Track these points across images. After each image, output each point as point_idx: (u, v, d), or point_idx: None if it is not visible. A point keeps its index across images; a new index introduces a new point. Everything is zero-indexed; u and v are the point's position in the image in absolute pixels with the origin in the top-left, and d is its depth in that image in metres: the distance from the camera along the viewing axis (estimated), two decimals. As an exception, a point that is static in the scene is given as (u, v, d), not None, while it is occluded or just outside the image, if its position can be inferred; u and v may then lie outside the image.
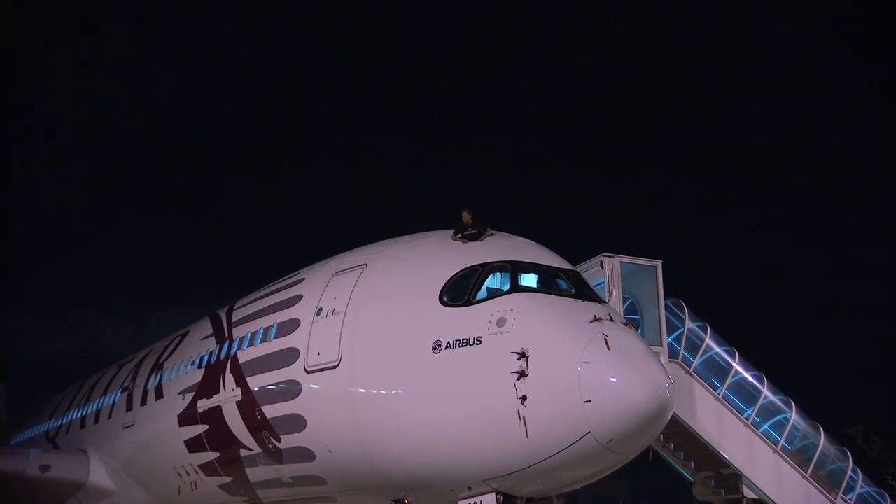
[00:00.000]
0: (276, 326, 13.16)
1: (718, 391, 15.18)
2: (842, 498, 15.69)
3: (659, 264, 14.75)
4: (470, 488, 10.07)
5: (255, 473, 13.34)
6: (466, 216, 11.67)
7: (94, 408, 19.02)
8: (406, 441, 10.49)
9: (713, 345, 15.59)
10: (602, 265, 14.17)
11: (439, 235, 12.20)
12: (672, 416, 9.99)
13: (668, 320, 14.90)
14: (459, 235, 11.63)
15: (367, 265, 12.17)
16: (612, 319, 9.85)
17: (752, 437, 15.21)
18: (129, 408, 17.18)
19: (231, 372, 13.84)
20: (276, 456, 12.73)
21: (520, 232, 12.12)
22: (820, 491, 15.45)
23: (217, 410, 13.96)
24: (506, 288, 10.50)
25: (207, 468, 14.35)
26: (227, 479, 14.04)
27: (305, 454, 12.13)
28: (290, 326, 12.71)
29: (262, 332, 13.50)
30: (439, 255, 11.53)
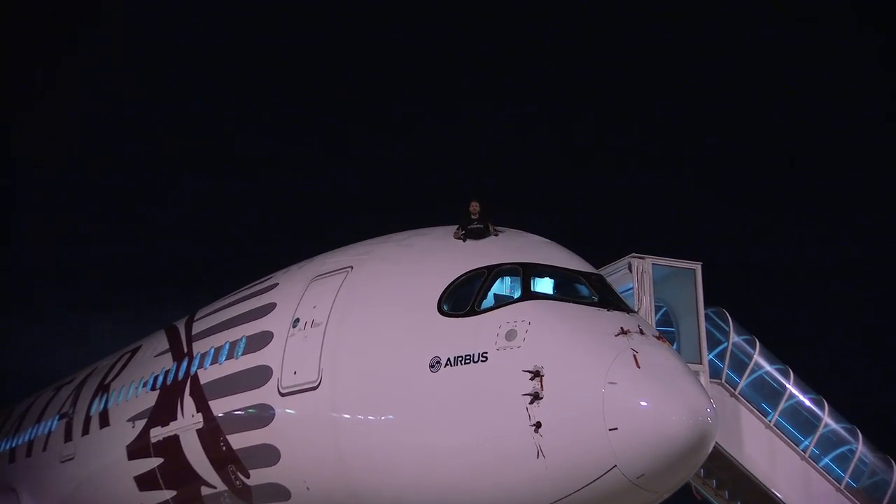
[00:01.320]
0: (244, 340, 13.29)
1: (770, 417, 15.21)
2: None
3: (698, 267, 14.75)
4: None
5: (218, 515, 13.50)
6: (475, 206, 11.77)
7: (26, 438, 19.18)
8: (398, 476, 10.59)
9: (763, 362, 15.67)
10: (630, 268, 14.23)
11: (438, 233, 12.31)
12: (714, 448, 9.98)
13: (709, 333, 14.93)
14: (462, 233, 11.76)
15: (352, 268, 12.28)
16: (641, 332, 9.94)
17: (811, 473, 15.24)
18: (69, 438, 17.31)
19: (191, 395, 13.96)
20: (244, 494, 12.84)
21: (533, 229, 12.27)
22: (892, 537, 15.54)
23: (174, 440, 14.08)
24: (516, 295, 10.60)
25: (162, 509, 14.52)
26: (185, 523, 14.22)
27: (279, 492, 12.23)
28: (261, 340, 12.83)
29: (227, 347, 13.63)
30: (438, 256, 11.65)
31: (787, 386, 15.71)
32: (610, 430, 9.09)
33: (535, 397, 9.45)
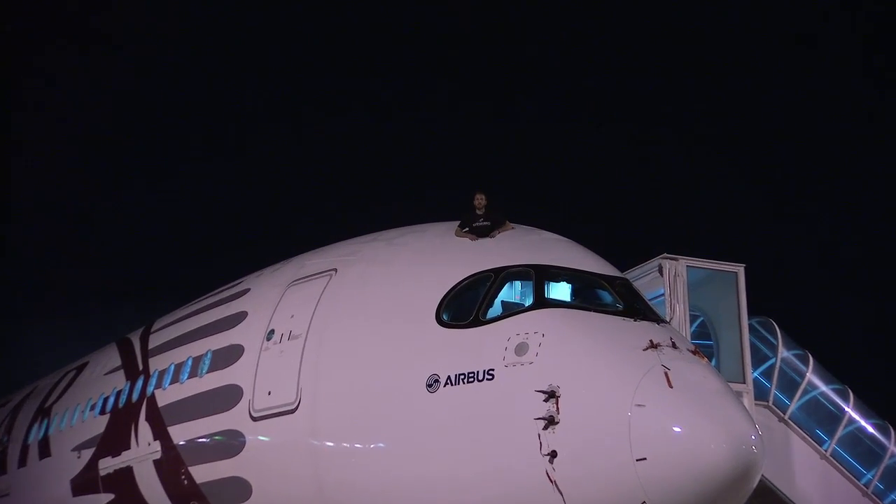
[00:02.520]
0: (209, 356, 13.35)
1: (825, 446, 15.25)
2: None
3: (740, 269, 14.79)
4: None
5: (179, 561, 13.57)
6: (480, 199, 11.84)
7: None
8: (390, 514, 10.66)
9: (818, 382, 15.71)
10: (661, 270, 14.25)
11: (438, 229, 12.38)
12: (760, 482, 9.89)
13: (753, 347, 14.95)
14: (466, 230, 11.82)
15: (336, 271, 12.34)
16: (674, 346, 9.98)
17: (874, 511, 15.34)
18: (3, 471, 17.39)
19: (147, 419, 14.00)
20: (209, 536, 12.96)
21: (548, 225, 12.34)
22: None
23: (127, 473, 14.13)
24: (528, 302, 10.65)
25: (112, 554, 14.62)
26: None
27: (250, 533, 12.34)
28: (230, 356, 12.89)
29: (189, 363, 13.68)
30: (437, 257, 11.72)
31: (846, 409, 15.73)
32: (637, 460, 9.11)
33: (550, 422, 9.49)
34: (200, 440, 12.95)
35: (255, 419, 12.08)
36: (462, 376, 10.16)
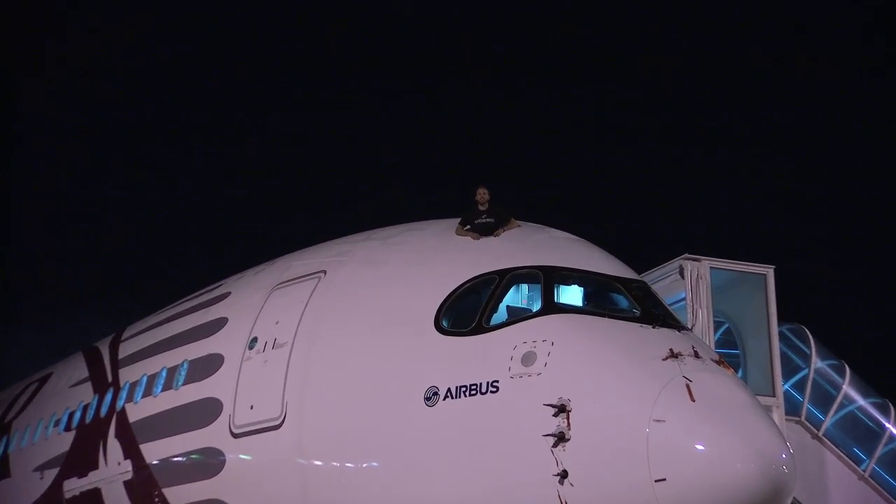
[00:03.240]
0: (185, 366, 13.36)
1: (863, 466, 15.22)
2: None
3: (770, 271, 14.75)
4: None
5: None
6: (482, 194, 11.87)
7: None
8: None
9: (855, 395, 15.71)
10: (683, 272, 14.23)
11: (437, 227, 12.40)
12: None
13: (784, 357, 14.95)
14: (468, 228, 11.84)
15: (325, 273, 12.36)
16: (697, 355, 10.00)
17: (917, 538, 15.33)
18: (-42, 493, 17.35)
19: (117, 436, 14.01)
20: (185, 565, 12.98)
21: (558, 223, 12.35)
22: None
23: (94, 495, 14.14)
24: (536, 307, 10.67)
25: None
26: None
27: (230, 562, 12.39)
28: (209, 366, 12.91)
29: (164, 374, 13.67)
30: (436, 258, 11.74)
31: (887, 425, 15.71)
32: (656, 481, 9.13)
33: (560, 439, 9.50)
34: (176, 459, 12.95)
35: (235, 436, 12.08)
36: (463, 389, 10.18)
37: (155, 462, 13.28)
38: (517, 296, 11.10)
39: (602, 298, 10.86)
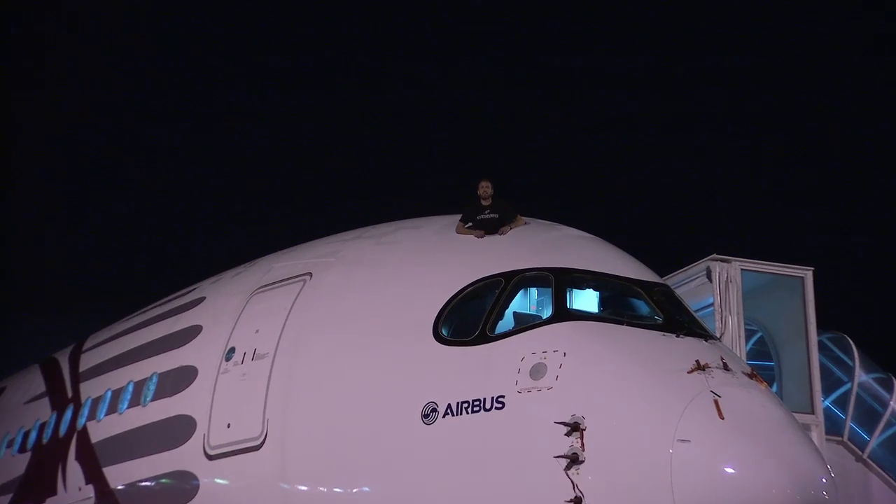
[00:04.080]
0: (155, 380, 13.36)
1: (914, 491, 15.27)
2: None
3: (808, 273, 14.75)
4: None
5: None
6: (485, 187, 11.88)
7: None
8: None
9: (904, 412, 15.72)
10: (710, 275, 14.23)
11: (435, 225, 12.42)
12: None
13: (824, 369, 14.95)
14: (470, 225, 11.84)
15: (311, 275, 12.38)
16: (726, 367, 10.00)
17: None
18: None
19: (77, 458, 14.02)
20: None
21: (570, 221, 12.37)
22: None
23: (54, 524, 14.18)
24: (546, 313, 10.68)
25: None
26: None
27: None
28: (181, 380, 12.91)
29: (131, 389, 13.67)
30: (435, 259, 11.77)
31: (942, 447, 15.71)
32: None
33: (574, 461, 9.49)
34: (143, 484, 12.95)
35: (210, 457, 12.09)
36: (465, 404, 10.18)
37: (120, 487, 13.27)
38: (525, 301, 11.10)
39: (620, 304, 10.85)
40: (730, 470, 9.16)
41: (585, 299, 10.84)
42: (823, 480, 9.40)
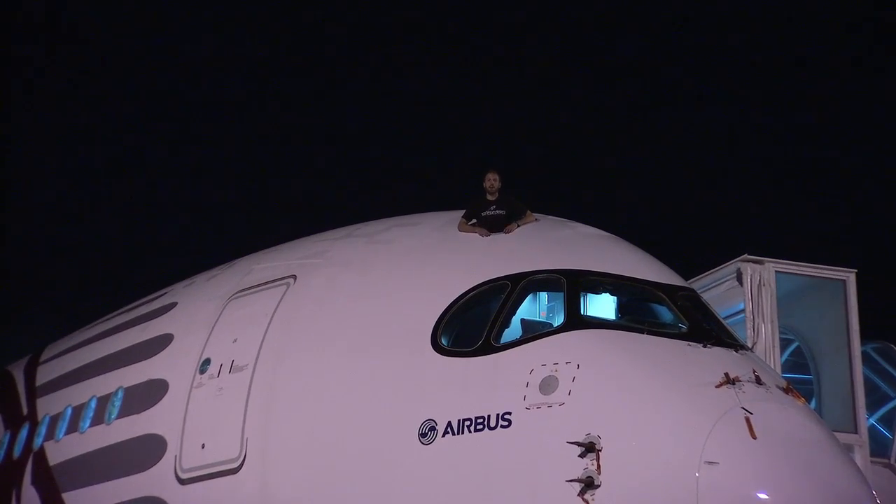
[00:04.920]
0: (120, 395, 13.36)
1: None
2: None
3: (850, 276, 14.70)
4: None
5: None
6: (491, 180, 11.90)
7: None
8: None
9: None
10: (741, 277, 14.23)
11: (435, 221, 12.45)
12: None
13: (869, 383, 14.96)
14: (474, 222, 11.86)
15: (295, 278, 12.41)
16: (758, 381, 10.00)
17: None
18: None
19: (34, 483, 14.05)
20: None
21: (585, 218, 12.38)
22: None
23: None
24: (557, 320, 10.70)
25: None
26: None
27: None
28: (149, 395, 12.90)
29: (93, 405, 13.68)
30: (434, 259, 11.79)
31: None
32: None
33: (588, 485, 9.48)
34: (109, 511, 12.92)
35: (183, 482, 12.09)
36: (467, 422, 10.18)
37: (82, 515, 13.24)
38: (534, 307, 11.12)
39: (640, 310, 10.85)
40: (763, 497, 9.16)
41: (601, 305, 10.84)
42: None
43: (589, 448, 9.54)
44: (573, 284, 10.73)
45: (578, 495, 9.47)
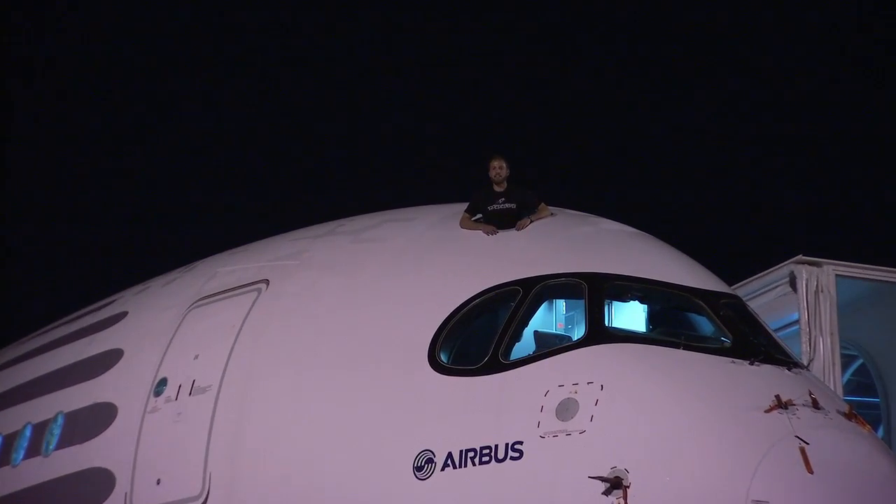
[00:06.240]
0: (60, 421, 13.40)
1: None
2: None
3: (926, 281, 14.86)
4: None
5: None
6: (498, 168, 11.91)
7: None
8: None
9: None
10: (795, 282, 14.27)
11: (432, 216, 12.52)
12: None
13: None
14: (478, 217, 11.90)
15: (268, 283, 12.44)
16: (815, 405, 10.02)
17: None
18: None
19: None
20: None
21: (610, 213, 12.40)
22: None
23: None
24: (577, 333, 10.74)
25: None
26: None
27: None
28: (95, 421, 12.92)
29: (28, 434, 13.74)
30: (431, 260, 11.82)
31: None
32: None
33: (614, 528, 9.56)
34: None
35: None
36: (471, 454, 10.18)
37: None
38: (550, 317, 11.15)
39: (675, 321, 10.90)
40: None
41: (629, 315, 10.86)
42: None
43: (615, 484, 9.52)
44: (596, 291, 10.73)
45: None
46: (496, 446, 10.09)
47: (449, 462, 10.24)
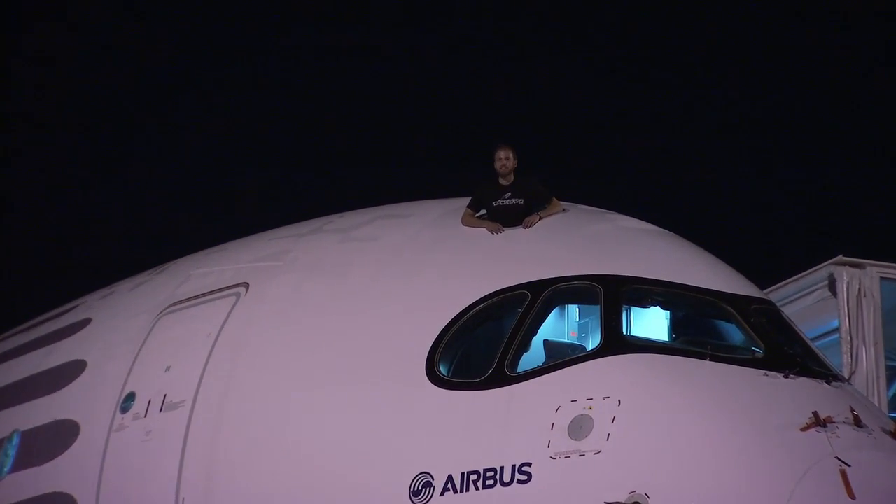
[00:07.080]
0: (16, 441, 13.52)
1: None
2: None
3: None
4: None
5: None
6: (503, 158, 11.96)
7: None
8: None
9: None
10: (834, 285, 14.32)
11: (431, 213, 12.62)
12: None
13: None
14: (482, 213, 11.96)
15: (248, 287, 12.50)
16: (858, 423, 10.03)
17: None
18: None
19: None
20: None
21: (628, 209, 12.47)
22: None
23: None
24: (592, 342, 10.79)
25: None
26: None
27: None
28: (54, 440, 12.98)
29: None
30: (430, 261, 11.87)
31: None
32: None
33: (634, 561, 9.61)
34: None
35: None
36: (473, 476, 10.20)
37: None
38: (562, 324, 11.20)
39: (701, 328, 10.94)
40: None
41: (649, 322, 10.91)
42: None
43: None
44: (612, 295, 10.75)
45: None
46: (501, 468, 10.11)
47: (449, 486, 10.26)
